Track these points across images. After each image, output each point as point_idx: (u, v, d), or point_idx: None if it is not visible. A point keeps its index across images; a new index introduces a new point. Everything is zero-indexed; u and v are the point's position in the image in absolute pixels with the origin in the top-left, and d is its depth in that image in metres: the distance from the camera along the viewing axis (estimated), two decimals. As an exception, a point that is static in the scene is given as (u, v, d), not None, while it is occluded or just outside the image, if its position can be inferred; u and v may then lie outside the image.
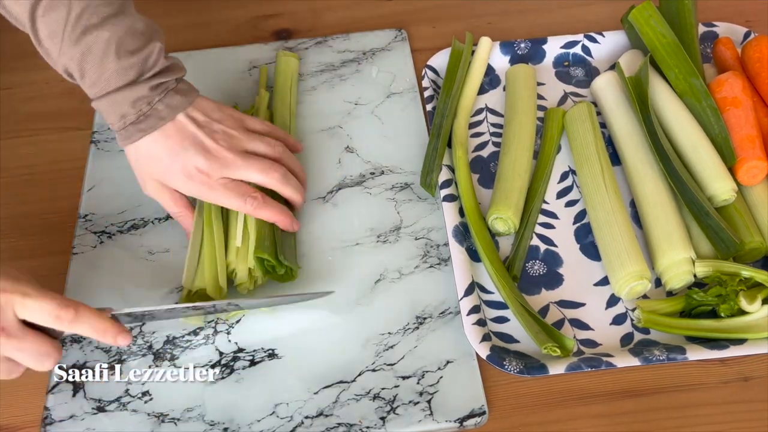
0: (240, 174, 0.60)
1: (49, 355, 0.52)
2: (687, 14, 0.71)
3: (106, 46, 0.54)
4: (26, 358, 0.51)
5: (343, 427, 0.54)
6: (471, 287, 0.59)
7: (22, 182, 0.71)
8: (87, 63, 0.55)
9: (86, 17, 0.54)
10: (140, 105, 0.56)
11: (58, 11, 0.54)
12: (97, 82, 0.56)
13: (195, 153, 0.58)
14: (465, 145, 0.68)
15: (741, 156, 0.62)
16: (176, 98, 0.58)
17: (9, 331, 0.49)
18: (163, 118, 0.57)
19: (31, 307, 0.50)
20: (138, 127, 0.57)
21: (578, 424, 0.55)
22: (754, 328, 0.55)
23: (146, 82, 0.56)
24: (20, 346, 0.50)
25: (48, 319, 0.50)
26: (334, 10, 0.86)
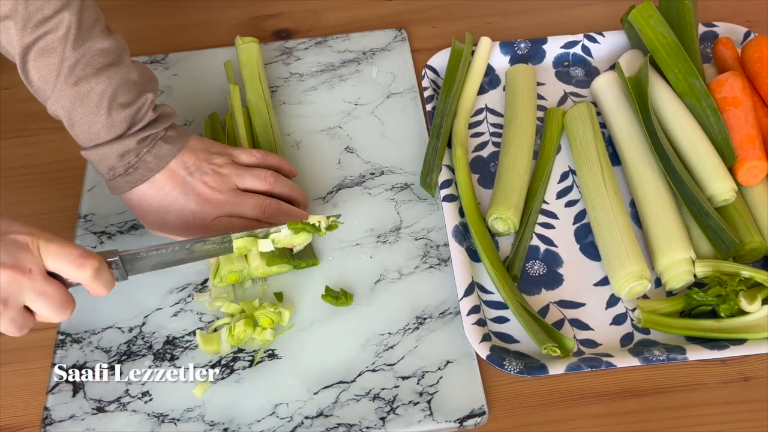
0: (233, 213, 0.60)
1: (69, 303, 0.50)
2: (687, 14, 0.71)
3: (99, 99, 0.54)
4: (47, 305, 0.49)
5: (343, 427, 0.54)
6: (471, 287, 0.59)
7: (22, 182, 0.71)
8: (77, 114, 0.55)
9: (80, 68, 0.53)
10: (128, 158, 0.56)
11: (51, 58, 0.53)
12: (86, 133, 0.56)
13: (187, 201, 0.59)
14: (465, 145, 0.68)
15: (741, 156, 0.62)
16: (164, 148, 0.58)
17: (35, 274, 0.48)
18: (152, 170, 0.57)
19: (54, 252, 0.49)
20: (126, 179, 0.57)
21: (578, 424, 0.55)
22: (754, 328, 0.55)
23: (134, 136, 0.56)
24: (44, 290, 0.48)
25: (70, 266, 0.49)
26: (334, 10, 0.86)
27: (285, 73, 0.78)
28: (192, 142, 0.60)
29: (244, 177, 0.61)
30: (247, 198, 0.60)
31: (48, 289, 0.48)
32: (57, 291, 0.49)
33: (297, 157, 0.71)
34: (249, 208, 0.60)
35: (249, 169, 0.62)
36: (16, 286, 0.47)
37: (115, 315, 0.61)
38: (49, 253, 0.48)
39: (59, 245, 0.49)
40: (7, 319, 0.47)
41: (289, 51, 0.81)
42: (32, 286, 0.48)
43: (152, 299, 0.62)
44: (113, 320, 0.61)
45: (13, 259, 0.47)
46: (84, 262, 0.49)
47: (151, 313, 0.61)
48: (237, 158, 0.62)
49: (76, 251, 0.49)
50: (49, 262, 0.49)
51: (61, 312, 0.49)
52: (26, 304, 0.48)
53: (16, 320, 0.48)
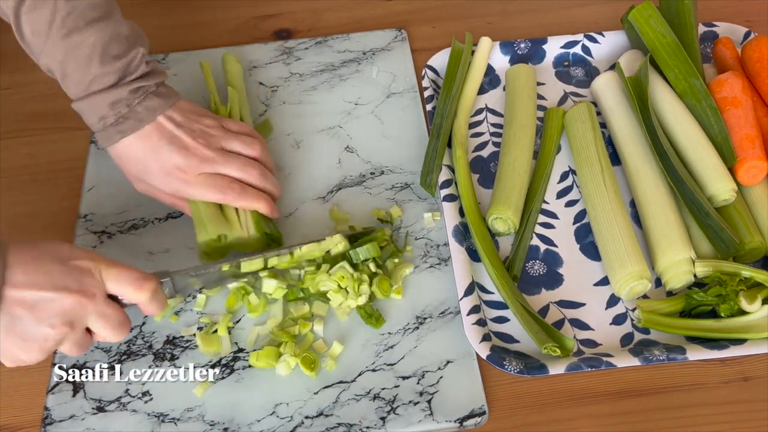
0: (218, 170, 0.60)
1: (126, 324, 0.53)
2: (687, 14, 0.71)
3: (91, 51, 0.55)
4: (107, 326, 0.51)
5: (343, 427, 0.54)
6: (471, 287, 0.59)
7: (22, 182, 0.71)
8: (69, 66, 0.55)
9: (72, 19, 0.54)
10: (119, 107, 0.57)
11: (43, 10, 0.54)
12: (78, 84, 0.56)
13: (171, 151, 0.59)
14: (465, 145, 0.68)
15: (741, 156, 0.62)
16: (155, 101, 0.58)
17: (98, 298, 0.50)
18: (142, 120, 0.58)
19: (115, 276, 0.51)
20: (117, 128, 0.58)
21: (578, 424, 0.55)
22: (754, 328, 0.55)
23: (126, 86, 0.57)
24: (105, 312, 0.51)
25: (129, 288, 0.52)
26: (334, 10, 0.86)
27: (285, 73, 0.78)
28: (182, 102, 0.61)
29: (232, 141, 0.62)
30: (233, 158, 0.61)
31: (109, 311, 0.51)
32: (116, 313, 0.52)
33: (297, 157, 0.71)
34: (234, 168, 0.61)
35: (237, 135, 0.63)
36: (81, 310, 0.50)
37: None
38: (110, 277, 0.51)
39: (119, 269, 0.52)
40: (71, 341, 0.50)
41: (289, 51, 0.81)
42: (95, 309, 0.50)
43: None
44: (113, 320, 0.61)
45: (79, 285, 0.49)
46: (142, 285, 0.52)
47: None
48: (226, 124, 0.63)
49: (135, 274, 0.53)
50: (110, 285, 0.52)
51: (120, 332, 0.53)
52: (88, 326, 0.51)
53: (80, 342, 0.51)
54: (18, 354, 0.49)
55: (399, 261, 0.62)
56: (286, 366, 0.56)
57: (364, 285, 0.59)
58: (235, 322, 0.60)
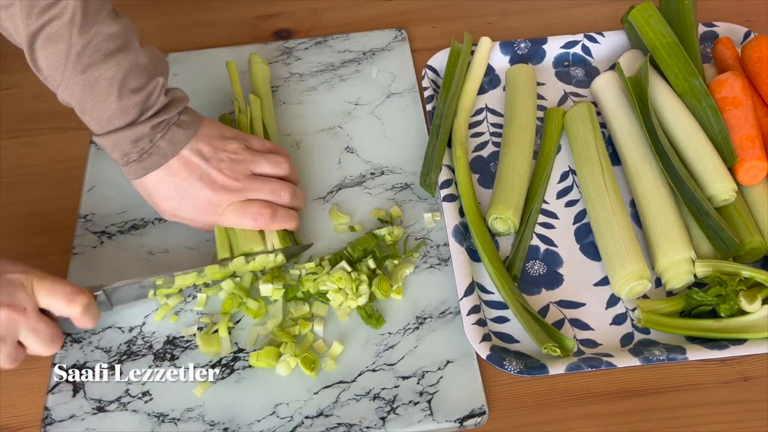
0: (250, 196, 0.60)
1: (58, 338, 0.54)
2: (687, 14, 0.71)
3: (109, 86, 0.53)
4: (39, 340, 0.52)
5: (343, 427, 0.54)
6: (471, 287, 0.59)
7: (22, 182, 0.71)
8: (88, 102, 0.54)
9: (88, 54, 0.52)
10: (142, 144, 0.56)
11: (58, 45, 0.52)
12: (97, 120, 0.55)
13: (202, 188, 0.58)
14: (465, 145, 0.68)
15: (741, 156, 0.62)
16: (179, 133, 0.57)
17: (29, 312, 0.51)
18: (166, 156, 0.57)
19: (47, 290, 0.52)
20: (141, 165, 0.57)
21: (578, 424, 0.55)
22: (754, 328, 0.55)
23: (147, 122, 0.55)
24: (37, 327, 0.51)
25: (61, 302, 0.52)
26: (334, 10, 0.86)
27: (285, 73, 0.78)
28: (205, 127, 0.60)
29: (260, 163, 0.61)
30: (263, 183, 0.61)
31: (40, 326, 0.52)
32: (48, 327, 0.53)
33: (297, 157, 0.71)
34: (265, 193, 0.61)
35: (264, 155, 0.62)
36: (12, 324, 0.50)
37: (115, 315, 0.61)
38: (42, 290, 0.52)
39: (51, 283, 0.52)
40: (4, 354, 0.51)
41: (289, 51, 0.81)
42: (27, 323, 0.51)
43: (152, 299, 0.61)
44: (113, 320, 0.60)
45: (10, 299, 0.50)
46: (74, 299, 0.53)
47: (150, 312, 0.61)
48: (250, 144, 0.63)
49: (67, 288, 0.53)
50: (41, 299, 0.52)
51: (52, 346, 0.53)
52: (20, 339, 0.51)
53: (11, 355, 0.51)
54: None
55: (399, 261, 0.62)
56: (286, 366, 0.56)
57: (363, 285, 0.59)
58: (236, 323, 0.60)
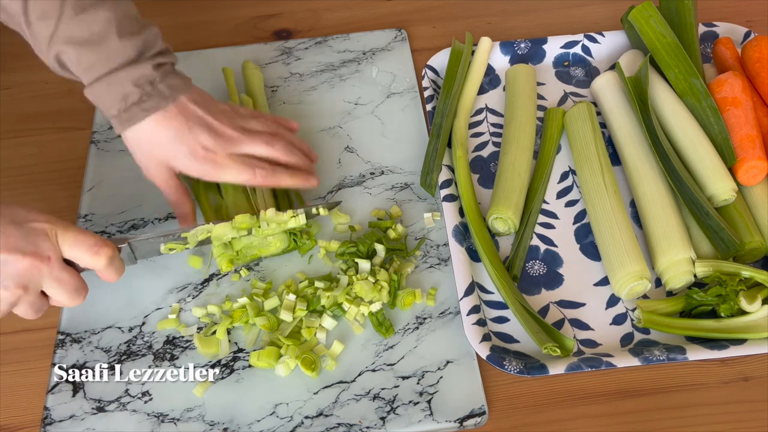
0: (245, 149, 0.60)
1: (83, 289, 0.53)
2: (687, 14, 0.71)
3: (107, 25, 0.53)
4: (63, 290, 0.51)
5: (343, 427, 0.54)
6: (471, 287, 0.59)
7: (22, 182, 0.71)
8: (85, 44, 0.53)
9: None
10: (143, 84, 0.55)
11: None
12: (96, 63, 0.54)
13: (200, 132, 0.58)
14: (465, 145, 0.68)
15: (741, 156, 0.62)
16: (177, 79, 0.57)
17: (53, 261, 0.50)
18: (166, 98, 0.56)
19: (71, 240, 0.51)
20: (141, 106, 0.55)
21: (578, 424, 0.55)
22: (754, 328, 0.55)
23: (149, 61, 0.55)
24: (61, 276, 0.51)
25: (86, 253, 0.52)
26: (334, 10, 0.86)
27: (285, 73, 0.78)
28: (196, 88, 0.61)
29: (251, 121, 0.62)
30: (258, 134, 0.61)
31: (64, 276, 0.51)
32: (72, 278, 0.52)
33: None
34: (260, 145, 0.60)
35: (254, 114, 0.63)
36: (35, 272, 0.49)
37: (115, 315, 0.61)
38: (66, 240, 0.51)
39: (76, 233, 0.51)
40: (26, 303, 0.50)
41: (289, 51, 0.81)
42: (50, 273, 0.50)
43: (152, 299, 0.61)
44: (113, 320, 0.60)
45: (34, 247, 0.49)
46: (99, 250, 0.52)
47: (151, 312, 0.61)
48: (240, 108, 0.64)
49: (91, 239, 0.52)
50: (65, 249, 0.51)
51: (76, 297, 0.52)
52: (43, 289, 0.51)
53: (34, 304, 0.51)
54: None
55: (400, 261, 0.62)
56: (286, 367, 0.56)
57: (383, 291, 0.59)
58: (235, 322, 0.60)
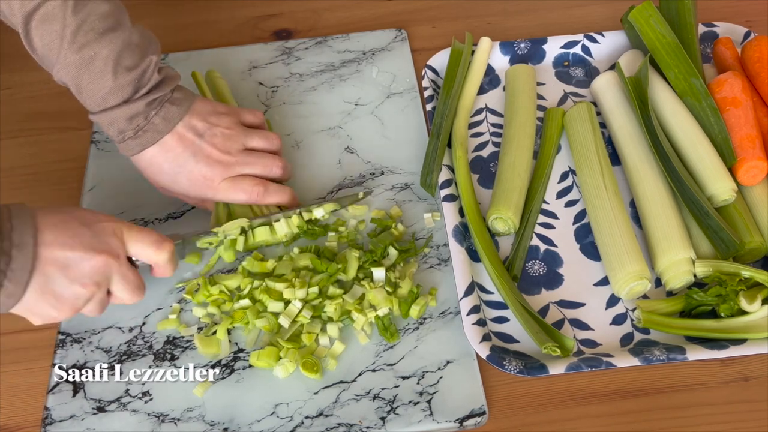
0: (242, 172, 0.62)
1: (143, 288, 0.55)
2: (687, 14, 0.71)
3: (104, 64, 0.55)
4: (127, 287, 0.53)
5: (343, 427, 0.54)
6: (471, 287, 0.59)
7: (22, 182, 0.71)
8: (83, 80, 0.55)
9: (83, 33, 0.54)
10: (137, 121, 0.57)
11: (53, 25, 0.53)
12: (93, 98, 0.56)
13: (197, 162, 0.60)
14: (465, 145, 0.68)
15: (741, 156, 0.62)
16: (172, 110, 0.59)
17: (122, 258, 0.52)
18: (161, 132, 0.58)
19: (135, 237, 0.53)
20: (136, 141, 0.58)
21: (578, 424, 0.55)
22: (754, 328, 0.55)
23: (142, 99, 0.57)
24: (126, 274, 0.53)
25: (149, 249, 0.54)
26: (334, 10, 0.86)
27: (285, 73, 0.78)
28: (198, 104, 0.61)
29: (252, 137, 0.63)
30: (257, 158, 0.63)
31: (129, 273, 0.54)
32: (135, 275, 0.54)
33: (297, 157, 0.71)
34: (259, 168, 0.63)
35: (256, 130, 0.65)
36: (107, 269, 0.51)
37: (115, 315, 0.61)
38: (132, 238, 0.53)
39: (139, 231, 0.54)
40: (96, 300, 0.52)
41: (289, 51, 0.81)
42: (119, 269, 0.52)
43: (152, 299, 0.61)
44: (113, 320, 0.60)
45: (106, 246, 0.51)
46: (162, 246, 0.55)
47: (151, 313, 0.61)
48: (243, 118, 0.65)
49: (155, 236, 0.55)
50: (131, 246, 0.53)
51: (138, 294, 0.55)
52: (110, 286, 0.53)
53: (103, 301, 0.53)
54: (49, 312, 0.50)
55: (404, 263, 0.62)
56: (284, 370, 0.56)
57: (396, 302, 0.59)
58: (235, 322, 0.60)
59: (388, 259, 0.61)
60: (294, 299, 0.58)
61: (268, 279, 0.59)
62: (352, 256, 0.60)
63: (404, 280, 0.60)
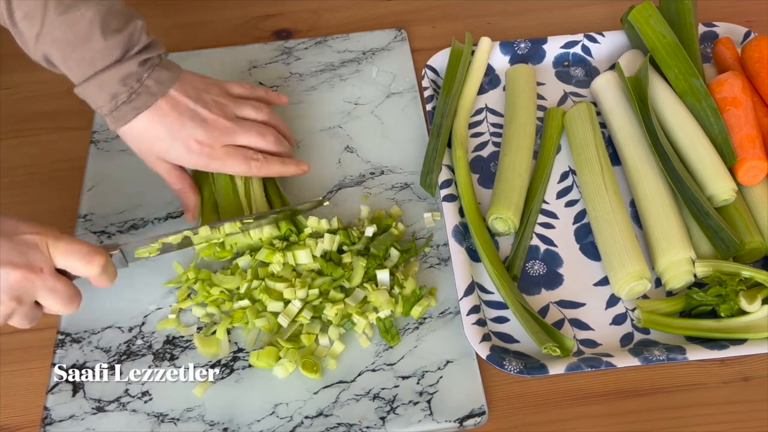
0: (239, 140, 0.61)
1: (77, 297, 0.52)
2: (687, 14, 0.71)
3: (90, 26, 0.53)
4: (57, 300, 0.51)
5: (343, 427, 0.54)
6: (471, 287, 0.59)
7: (22, 182, 0.71)
8: (70, 44, 0.54)
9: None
10: (130, 82, 0.56)
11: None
12: (81, 64, 0.55)
13: (194, 126, 0.58)
14: (465, 145, 0.68)
15: (741, 156, 0.62)
16: (164, 73, 0.58)
17: (45, 272, 0.50)
18: (155, 94, 0.57)
19: (63, 250, 0.50)
20: (131, 105, 0.56)
21: (578, 424, 0.55)
22: (754, 328, 0.55)
23: (134, 58, 0.55)
24: (54, 287, 0.50)
25: (79, 263, 0.51)
26: (334, 10, 0.86)
27: (285, 73, 0.78)
28: (187, 74, 0.61)
29: (243, 107, 0.62)
30: (251, 126, 0.62)
31: (58, 285, 0.51)
32: (66, 287, 0.51)
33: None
34: (253, 136, 0.61)
35: (246, 100, 0.64)
36: (28, 284, 0.49)
37: (115, 315, 0.61)
38: (58, 251, 0.50)
39: (67, 243, 0.51)
40: (20, 315, 0.50)
41: (289, 51, 0.81)
42: (43, 284, 0.50)
43: (152, 299, 0.61)
44: (113, 320, 0.60)
45: (25, 259, 0.49)
46: (92, 259, 0.51)
47: (150, 312, 0.61)
48: (230, 89, 0.64)
49: (84, 248, 0.51)
50: (58, 259, 0.51)
51: (70, 305, 0.52)
52: (37, 299, 0.51)
53: (29, 315, 0.51)
54: None
55: (405, 264, 0.62)
56: (284, 370, 0.56)
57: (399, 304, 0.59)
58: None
59: (390, 260, 0.61)
60: (294, 299, 0.58)
61: (268, 279, 0.59)
62: (359, 264, 0.59)
63: (408, 280, 0.60)
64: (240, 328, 0.60)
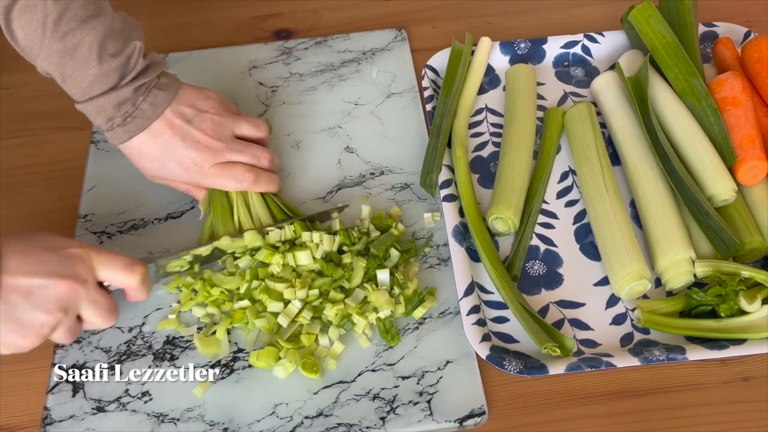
0: (231, 159, 0.62)
1: (115, 311, 0.54)
2: (687, 14, 0.71)
3: (88, 51, 0.54)
4: (98, 313, 0.53)
5: (343, 427, 0.54)
6: (471, 287, 0.59)
7: (22, 182, 0.71)
8: (67, 68, 0.55)
9: (65, 21, 0.53)
10: (125, 107, 0.57)
11: (34, 14, 0.53)
12: (79, 86, 0.56)
13: (186, 148, 0.60)
14: (465, 145, 0.68)
15: (741, 156, 0.62)
16: (159, 95, 0.58)
17: (89, 284, 0.52)
18: (149, 118, 0.58)
19: (105, 262, 0.53)
20: (125, 128, 0.58)
21: (578, 424, 0.55)
22: (754, 328, 0.55)
23: (129, 85, 0.57)
24: (97, 299, 0.52)
25: (120, 273, 0.53)
26: (334, 10, 0.86)
27: (285, 73, 0.78)
28: (185, 89, 0.61)
29: (241, 124, 0.63)
30: (245, 146, 0.63)
31: (100, 298, 0.53)
32: (106, 300, 0.53)
33: (297, 157, 0.71)
34: (247, 156, 0.62)
35: (244, 117, 0.65)
36: (74, 295, 0.51)
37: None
38: (101, 262, 0.53)
39: (109, 255, 0.53)
40: (65, 327, 0.51)
41: (289, 51, 0.81)
42: (87, 295, 0.51)
43: (152, 299, 0.61)
44: (113, 320, 0.61)
45: (72, 271, 0.50)
46: (133, 270, 0.54)
47: (150, 313, 0.61)
48: (229, 106, 0.65)
49: (125, 260, 0.54)
50: (100, 271, 0.53)
51: (109, 318, 0.54)
52: (80, 311, 0.52)
53: (72, 328, 0.52)
54: (15, 340, 0.50)
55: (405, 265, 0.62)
56: (284, 370, 0.56)
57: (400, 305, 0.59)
58: (235, 322, 0.60)
59: (390, 261, 0.61)
60: (294, 299, 0.58)
61: (267, 279, 0.59)
62: (359, 265, 0.60)
63: (409, 281, 0.60)
64: (240, 328, 0.60)
